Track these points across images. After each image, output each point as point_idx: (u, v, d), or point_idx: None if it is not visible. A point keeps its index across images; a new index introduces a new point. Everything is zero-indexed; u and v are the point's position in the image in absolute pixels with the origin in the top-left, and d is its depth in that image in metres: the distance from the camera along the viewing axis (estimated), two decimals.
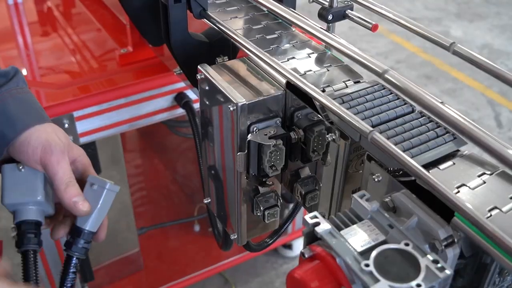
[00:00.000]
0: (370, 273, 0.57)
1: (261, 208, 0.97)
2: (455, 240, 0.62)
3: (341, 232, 0.64)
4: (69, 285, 0.78)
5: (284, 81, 0.87)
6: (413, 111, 0.77)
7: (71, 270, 0.78)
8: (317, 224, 0.63)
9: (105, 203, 0.79)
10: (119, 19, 1.74)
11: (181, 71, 1.17)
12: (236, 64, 0.95)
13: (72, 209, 0.78)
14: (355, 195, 0.67)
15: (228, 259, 2.12)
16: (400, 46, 4.29)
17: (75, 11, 2.11)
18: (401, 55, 4.16)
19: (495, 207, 0.62)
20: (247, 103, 0.84)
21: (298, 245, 2.38)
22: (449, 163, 0.69)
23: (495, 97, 3.64)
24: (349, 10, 0.91)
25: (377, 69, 0.71)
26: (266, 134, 0.85)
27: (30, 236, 0.76)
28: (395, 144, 0.68)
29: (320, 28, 0.86)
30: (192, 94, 1.56)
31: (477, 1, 5.15)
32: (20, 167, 0.77)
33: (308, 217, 0.64)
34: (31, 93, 0.85)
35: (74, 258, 0.77)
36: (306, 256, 0.64)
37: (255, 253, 2.19)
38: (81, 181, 0.82)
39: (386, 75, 0.70)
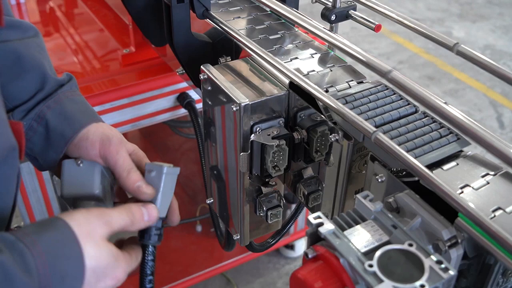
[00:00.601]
0: (374, 273, 0.57)
1: (264, 208, 0.96)
2: (459, 240, 0.61)
3: (345, 232, 0.63)
4: (149, 272, 0.79)
5: (287, 81, 0.87)
6: (416, 111, 0.77)
7: (149, 258, 0.79)
8: (321, 224, 0.63)
9: (167, 187, 0.79)
10: (122, 20, 1.74)
11: (184, 71, 1.17)
12: (239, 64, 0.95)
13: (136, 194, 0.79)
14: (359, 196, 0.67)
15: (230, 259, 2.12)
16: (403, 47, 4.28)
17: (78, 11, 2.11)
18: (403, 56, 4.16)
19: (499, 208, 0.61)
20: (250, 103, 0.84)
21: (300, 245, 2.38)
22: (453, 163, 0.69)
23: (497, 98, 3.63)
24: (352, 10, 0.91)
25: (381, 69, 0.71)
26: (269, 135, 0.85)
27: None
28: (399, 145, 0.68)
29: (323, 28, 0.85)
30: (194, 94, 1.56)
31: (480, 2, 5.14)
32: (79, 162, 0.79)
33: (311, 217, 0.64)
34: (82, 96, 0.89)
35: (150, 247, 0.79)
36: (310, 256, 0.63)
37: (257, 254, 2.19)
38: (140, 172, 0.83)
39: (390, 75, 0.70)
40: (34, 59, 0.83)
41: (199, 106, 1.55)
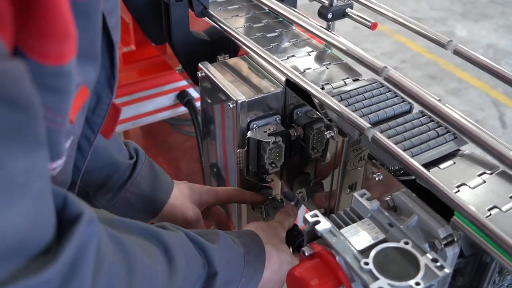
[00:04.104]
0: (370, 271, 0.57)
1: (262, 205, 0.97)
2: (455, 239, 0.61)
3: (341, 230, 0.63)
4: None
5: (283, 78, 0.87)
6: (411, 109, 0.77)
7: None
8: (317, 222, 0.63)
9: None
10: (122, 18, 1.74)
11: (183, 69, 1.17)
12: (237, 62, 0.96)
13: None
14: (356, 194, 0.67)
15: None
16: (405, 46, 4.28)
17: None
18: (405, 55, 4.15)
19: (495, 207, 0.61)
20: (246, 100, 0.84)
21: None
22: (450, 162, 0.69)
23: (499, 97, 3.62)
24: (349, 9, 0.91)
25: (375, 66, 0.71)
26: (266, 131, 0.86)
27: None
28: (396, 143, 0.68)
29: (320, 26, 0.85)
30: (194, 93, 1.56)
31: (483, 1, 5.13)
32: None
33: (308, 215, 0.64)
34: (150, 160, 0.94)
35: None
36: (306, 254, 0.64)
37: None
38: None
39: (384, 73, 0.70)
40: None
41: (198, 104, 1.55)
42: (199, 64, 0.93)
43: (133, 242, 0.58)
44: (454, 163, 0.69)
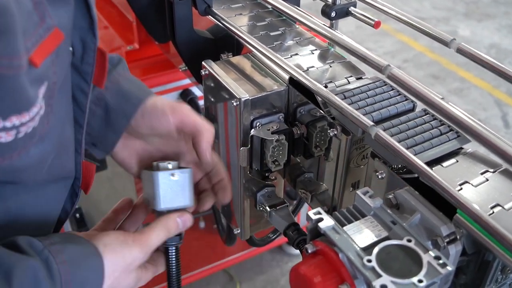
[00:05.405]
0: (372, 268, 0.57)
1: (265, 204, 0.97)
2: (458, 237, 0.62)
3: (344, 228, 0.64)
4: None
5: (287, 77, 0.87)
6: (414, 107, 0.77)
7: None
8: (321, 220, 0.64)
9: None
10: (126, 17, 1.74)
11: (186, 68, 1.17)
12: (240, 60, 0.96)
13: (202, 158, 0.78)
14: (359, 192, 0.67)
15: (233, 255, 2.12)
16: (408, 45, 4.27)
17: None
18: (408, 55, 4.15)
19: (498, 205, 0.62)
20: (250, 98, 0.84)
21: None
22: (452, 160, 0.69)
23: (502, 97, 3.62)
24: (352, 7, 0.91)
25: (378, 64, 0.71)
26: (269, 129, 0.86)
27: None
28: (399, 142, 0.68)
29: (324, 25, 0.86)
30: (197, 91, 1.57)
31: (485, 1, 5.12)
32: (173, 174, 0.75)
33: (311, 213, 0.64)
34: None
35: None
36: (310, 251, 0.64)
37: (260, 250, 2.19)
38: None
39: (387, 71, 0.70)
40: None
41: (202, 102, 1.55)
42: (203, 63, 0.94)
43: None
44: (457, 161, 0.69)
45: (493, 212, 0.61)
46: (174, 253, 0.77)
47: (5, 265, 0.56)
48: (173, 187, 0.75)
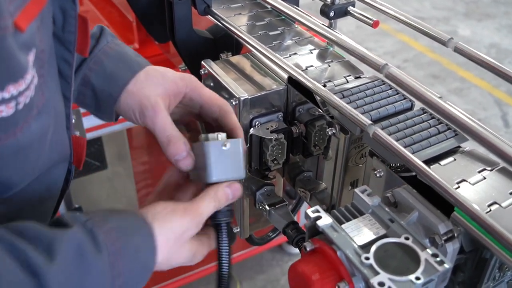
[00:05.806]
0: (370, 266, 0.58)
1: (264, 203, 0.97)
2: (455, 234, 0.62)
3: (342, 226, 0.64)
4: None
5: (286, 76, 0.88)
6: (412, 106, 0.78)
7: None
8: (319, 218, 0.64)
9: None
10: (126, 17, 1.75)
11: (186, 68, 1.18)
12: (240, 60, 0.96)
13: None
14: (357, 190, 0.68)
15: (233, 254, 2.12)
16: (408, 45, 4.28)
17: (83, 9, 2.12)
18: (408, 55, 4.15)
19: (495, 203, 0.62)
20: (249, 97, 0.85)
21: None
22: (450, 159, 0.69)
23: (502, 97, 3.62)
24: (351, 7, 0.92)
25: (376, 64, 0.72)
26: (268, 129, 0.86)
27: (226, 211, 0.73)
28: (397, 140, 0.69)
29: (322, 24, 0.86)
30: None
31: (485, 0, 5.12)
32: (225, 143, 0.69)
33: (310, 211, 0.65)
34: (121, 42, 0.83)
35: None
36: (308, 249, 0.64)
37: (260, 249, 2.19)
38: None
39: (384, 70, 0.70)
40: None
41: None
42: (202, 62, 0.94)
43: None
44: (455, 159, 0.69)
45: (490, 210, 0.61)
46: (225, 230, 0.74)
47: (47, 238, 0.53)
48: (225, 158, 0.70)
